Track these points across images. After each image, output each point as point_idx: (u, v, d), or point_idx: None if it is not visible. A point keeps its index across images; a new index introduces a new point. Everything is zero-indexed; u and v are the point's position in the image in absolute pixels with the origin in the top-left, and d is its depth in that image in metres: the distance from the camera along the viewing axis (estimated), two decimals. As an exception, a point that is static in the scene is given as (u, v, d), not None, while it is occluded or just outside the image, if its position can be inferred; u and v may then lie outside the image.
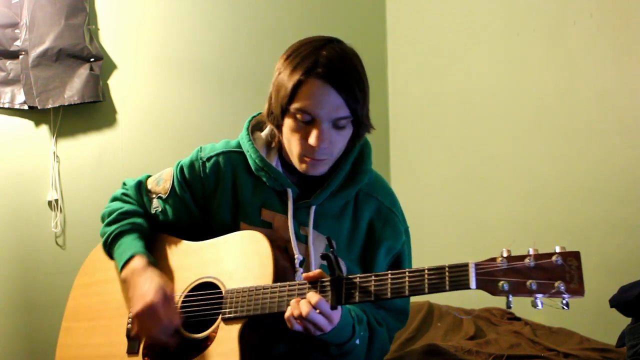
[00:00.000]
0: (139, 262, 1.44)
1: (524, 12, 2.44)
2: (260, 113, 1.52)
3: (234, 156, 1.50)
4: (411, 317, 2.16)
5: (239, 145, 1.51)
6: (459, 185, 2.72)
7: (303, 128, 1.34)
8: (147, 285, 1.38)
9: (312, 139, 1.32)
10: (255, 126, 1.53)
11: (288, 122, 1.36)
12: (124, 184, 1.62)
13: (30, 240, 2.28)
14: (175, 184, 1.52)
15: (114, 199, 1.60)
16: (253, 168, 1.45)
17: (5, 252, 2.24)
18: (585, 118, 2.21)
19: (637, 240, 2.04)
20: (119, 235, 1.51)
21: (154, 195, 1.55)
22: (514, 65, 2.49)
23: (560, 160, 2.30)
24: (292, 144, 1.37)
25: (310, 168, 1.38)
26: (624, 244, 2.08)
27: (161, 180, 1.55)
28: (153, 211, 1.54)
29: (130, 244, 1.48)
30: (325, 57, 1.32)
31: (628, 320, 1.63)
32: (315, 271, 1.26)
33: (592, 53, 2.19)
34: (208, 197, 1.50)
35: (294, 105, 1.33)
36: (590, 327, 2.03)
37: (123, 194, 1.59)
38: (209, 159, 1.50)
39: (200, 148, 1.54)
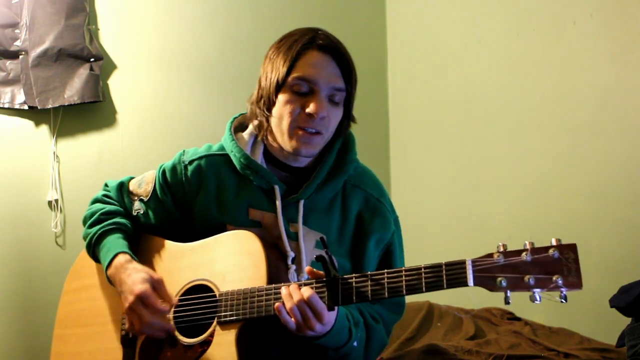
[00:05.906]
0: (122, 258, 1.42)
1: (524, 12, 2.44)
2: (242, 114, 1.53)
3: (217, 159, 1.49)
4: (411, 317, 2.16)
5: (221, 148, 1.50)
6: (459, 185, 2.72)
7: (299, 100, 1.35)
8: (133, 277, 1.37)
9: (310, 108, 1.33)
10: (237, 128, 1.52)
11: (283, 97, 1.36)
12: (106, 185, 1.61)
13: (30, 240, 2.27)
14: (157, 187, 1.51)
15: (95, 201, 1.58)
16: (238, 167, 1.44)
17: (5, 252, 2.24)
18: (585, 118, 2.21)
19: (637, 240, 2.04)
20: (102, 236, 1.48)
21: (135, 197, 1.53)
22: (514, 65, 2.48)
23: (560, 159, 2.30)
24: (284, 117, 1.36)
25: (303, 144, 1.37)
26: (624, 244, 2.08)
27: (143, 183, 1.54)
28: (134, 213, 1.53)
29: (114, 243, 1.46)
30: (323, 34, 1.39)
31: (628, 320, 1.63)
32: (318, 272, 1.25)
33: (592, 53, 2.19)
34: (190, 201, 1.49)
35: (293, 75, 1.34)
36: (590, 327, 2.03)
37: (104, 195, 1.57)
38: (190, 162, 1.49)
39: (183, 151, 1.54)
